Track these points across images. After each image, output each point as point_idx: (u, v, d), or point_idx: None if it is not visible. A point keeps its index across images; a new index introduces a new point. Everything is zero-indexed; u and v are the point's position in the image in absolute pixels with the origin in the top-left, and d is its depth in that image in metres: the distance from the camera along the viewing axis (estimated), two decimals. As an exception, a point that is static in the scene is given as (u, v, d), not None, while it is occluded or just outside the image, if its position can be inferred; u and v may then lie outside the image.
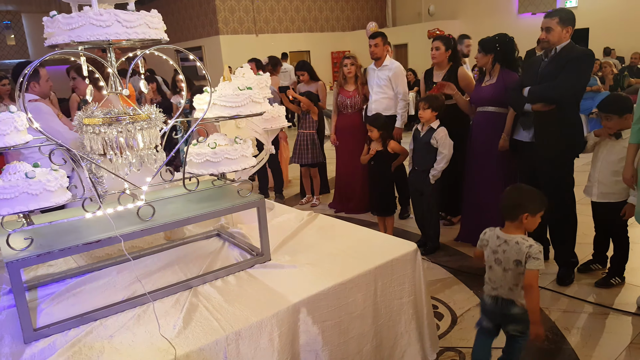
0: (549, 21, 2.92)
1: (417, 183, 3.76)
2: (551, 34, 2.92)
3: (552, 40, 2.93)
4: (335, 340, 1.68)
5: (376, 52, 4.51)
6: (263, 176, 5.53)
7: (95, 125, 1.61)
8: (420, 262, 1.93)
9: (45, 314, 1.62)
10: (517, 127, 3.27)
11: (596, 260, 3.27)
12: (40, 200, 1.45)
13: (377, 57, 4.53)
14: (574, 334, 2.58)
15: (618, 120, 2.86)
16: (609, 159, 2.94)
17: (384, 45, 4.50)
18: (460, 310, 2.90)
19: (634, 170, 2.70)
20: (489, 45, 3.48)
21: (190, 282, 1.75)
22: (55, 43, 1.49)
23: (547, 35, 2.93)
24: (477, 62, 3.63)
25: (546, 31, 2.94)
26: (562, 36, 2.91)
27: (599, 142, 3.03)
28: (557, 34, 2.91)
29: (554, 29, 2.90)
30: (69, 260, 2.04)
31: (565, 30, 2.90)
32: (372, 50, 4.51)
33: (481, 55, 3.51)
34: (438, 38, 4.13)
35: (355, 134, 4.74)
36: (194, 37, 15.04)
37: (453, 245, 3.93)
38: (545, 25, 2.94)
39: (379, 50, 4.50)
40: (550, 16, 2.94)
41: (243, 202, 1.84)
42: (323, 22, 16.44)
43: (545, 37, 2.95)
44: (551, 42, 2.94)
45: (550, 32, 2.92)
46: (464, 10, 14.96)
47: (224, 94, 1.78)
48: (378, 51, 4.50)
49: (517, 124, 3.28)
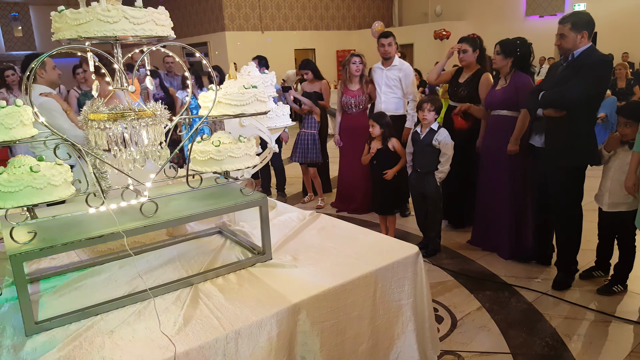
0: (562, 27, 2.89)
1: (419, 185, 3.75)
2: (565, 40, 2.89)
3: (566, 47, 2.89)
4: (333, 340, 1.68)
5: (390, 51, 4.50)
6: (266, 174, 5.54)
7: (101, 120, 1.61)
8: (422, 264, 1.93)
9: (47, 307, 1.62)
10: (532, 132, 3.24)
11: (598, 267, 3.27)
12: (45, 194, 1.45)
13: (389, 56, 4.51)
14: (575, 340, 2.58)
15: (636, 128, 2.77)
16: (621, 169, 2.89)
17: (395, 45, 4.49)
18: (461, 313, 2.90)
19: (636, 179, 2.68)
20: (510, 49, 3.41)
21: (191, 279, 1.75)
22: (63, 38, 1.50)
23: (561, 41, 2.90)
24: (495, 64, 3.55)
25: (560, 37, 2.91)
26: (577, 42, 2.86)
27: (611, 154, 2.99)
28: (572, 40, 2.86)
29: (567, 35, 2.86)
30: (71, 253, 2.05)
31: (580, 35, 2.85)
32: (386, 50, 4.49)
33: (501, 58, 3.44)
34: (464, 40, 4.01)
35: (360, 134, 4.73)
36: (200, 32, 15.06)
37: (454, 247, 3.93)
38: (559, 32, 2.91)
39: (392, 50, 4.49)
40: (563, 22, 2.91)
41: (246, 201, 1.84)
42: (329, 20, 16.43)
43: (560, 43, 2.92)
44: (565, 48, 2.90)
45: (564, 39, 2.89)
46: (470, 11, 14.92)
47: (229, 92, 1.78)
48: (391, 50, 4.49)
49: (531, 128, 3.25)
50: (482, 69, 3.99)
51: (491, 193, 3.65)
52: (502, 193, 3.57)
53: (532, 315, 2.85)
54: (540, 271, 3.41)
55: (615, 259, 3.14)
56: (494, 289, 3.19)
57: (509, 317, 2.85)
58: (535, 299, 3.04)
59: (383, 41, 4.50)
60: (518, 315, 2.87)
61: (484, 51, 4.06)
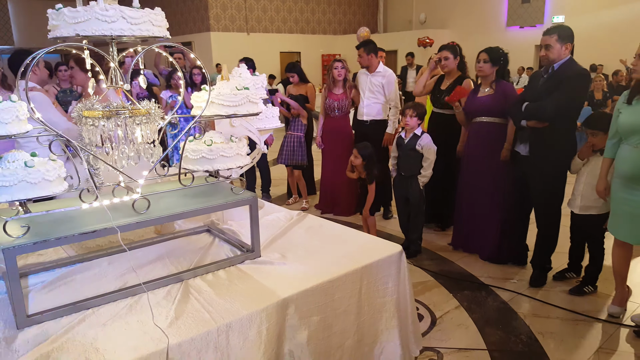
0: (547, 38, 2.99)
1: (403, 189, 3.84)
2: (550, 51, 2.98)
3: (552, 57, 3.00)
4: (320, 335, 1.74)
5: (360, 62, 4.66)
6: (251, 175, 5.57)
7: (95, 117, 1.64)
8: (405, 263, 2.01)
9: (37, 301, 1.64)
10: (516, 140, 3.36)
11: (571, 269, 3.41)
12: (39, 189, 1.47)
13: (364, 65, 4.64)
14: (547, 338, 2.69)
15: (603, 137, 2.91)
16: (593, 174, 3.02)
17: (368, 55, 4.58)
18: (440, 312, 3.00)
19: (607, 183, 2.82)
20: (497, 57, 3.49)
21: (181, 275, 1.79)
22: (60, 36, 1.52)
23: (547, 52, 3.00)
24: (481, 72, 3.58)
25: (545, 48, 3.00)
26: (561, 53, 2.98)
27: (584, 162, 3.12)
28: (557, 51, 2.97)
29: (553, 46, 2.96)
30: (59, 250, 2.06)
31: (564, 46, 2.97)
32: (358, 60, 4.65)
33: (489, 66, 3.50)
34: (444, 48, 4.11)
35: (342, 137, 4.83)
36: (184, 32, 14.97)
37: (435, 249, 4.03)
38: (545, 43, 3.00)
39: (363, 61, 4.63)
40: (549, 33, 3.00)
41: (236, 199, 1.88)
42: (315, 24, 16.54)
43: (545, 54, 3.01)
44: (551, 58, 3.00)
45: (549, 49, 2.98)
46: (454, 20, 15.22)
47: (221, 92, 1.83)
48: (362, 61, 4.64)
49: (516, 136, 3.37)
50: (463, 75, 4.11)
51: (472, 197, 3.75)
52: (483, 198, 3.68)
53: (508, 314, 2.97)
54: (516, 272, 3.53)
55: (586, 261, 3.28)
56: (472, 289, 3.30)
57: (485, 315, 2.95)
58: (511, 298, 3.16)
59: (359, 51, 4.63)
60: (494, 313, 2.98)
61: (464, 58, 4.18)
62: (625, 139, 2.63)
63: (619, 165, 2.68)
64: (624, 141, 2.65)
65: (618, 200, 2.71)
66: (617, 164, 2.71)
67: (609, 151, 2.78)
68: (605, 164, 2.82)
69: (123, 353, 1.34)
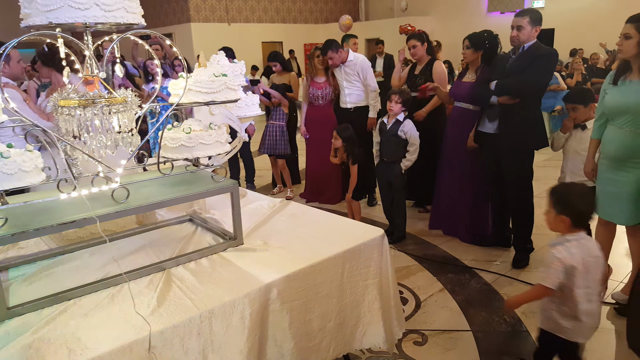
0: (520, 20, 3.10)
1: (386, 174, 3.88)
2: (522, 32, 3.10)
3: (522, 38, 3.11)
4: (302, 318, 1.76)
5: (333, 64, 4.63)
6: (234, 166, 5.55)
7: (71, 107, 1.62)
8: (387, 246, 2.03)
9: (17, 294, 1.62)
10: (483, 119, 3.43)
11: (552, 249, 3.48)
12: (15, 180, 1.46)
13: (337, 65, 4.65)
14: (530, 317, 2.75)
15: (583, 110, 3.07)
16: (579, 149, 3.11)
17: (337, 54, 4.58)
18: (424, 295, 3.05)
19: (594, 164, 2.87)
20: (479, 42, 3.52)
21: (163, 264, 1.79)
22: (33, 24, 1.49)
23: (518, 33, 3.11)
24: (465, 59, 3.67)
25: (517, 29, 3.11)
26: (531, 35, 3.10)
27: (567, 137, 3.22)
28: (527, 33, 3.09)
29: (525, 27, 3.08)
30: (39, 243, 2.04)
31: (534, 29, 3.09)
32: (330, 64, 4.64)
33: (471, 52, 3.54)
34: (412, 37, 4.29)
35: (326, 126, 4.82)
36: (164, 23, 14.73)
37: (419, 234, 4.08)
38: (517, 24, 3.11)
39: (336, 61, 4.61)
40: (521, 15, 3.13)
41: (217, 187, 1.88)
42: (296, 13, 16.39)
43: (517, 35, 3.12)
44: (521, 39, 3.12)
45: (521, 30, 3.10)
46: (435, 7, 15.24)
47: (199, 79, 1.82)
48: (335, 62, 4.62)
49: (482, 116, 3.43)
50: (433, 58, 4.31)
51: (452, 180, 3.82)
52: (461, 181, 3.75)
53: (491, 295, 3.03)
54: (500, 254, 3.60)
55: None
56: (456, 272, 3.35)
57: (469, 297, 3.01)
58: (494, 280, 3.22)
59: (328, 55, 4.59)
60: (478, 295, 3.04)
61: (431, 43, 4.40)
62: (611, 119, 2.65)
63: (605, 146, 2.71)
64: (610, 122, 2.67)
65: (604, 181, 2.73)
66: (603, 144, 2.73)
67: (595, 132, 2.82)
68: (592, 145, 2.86)
69: (105, 342, 1.34)
